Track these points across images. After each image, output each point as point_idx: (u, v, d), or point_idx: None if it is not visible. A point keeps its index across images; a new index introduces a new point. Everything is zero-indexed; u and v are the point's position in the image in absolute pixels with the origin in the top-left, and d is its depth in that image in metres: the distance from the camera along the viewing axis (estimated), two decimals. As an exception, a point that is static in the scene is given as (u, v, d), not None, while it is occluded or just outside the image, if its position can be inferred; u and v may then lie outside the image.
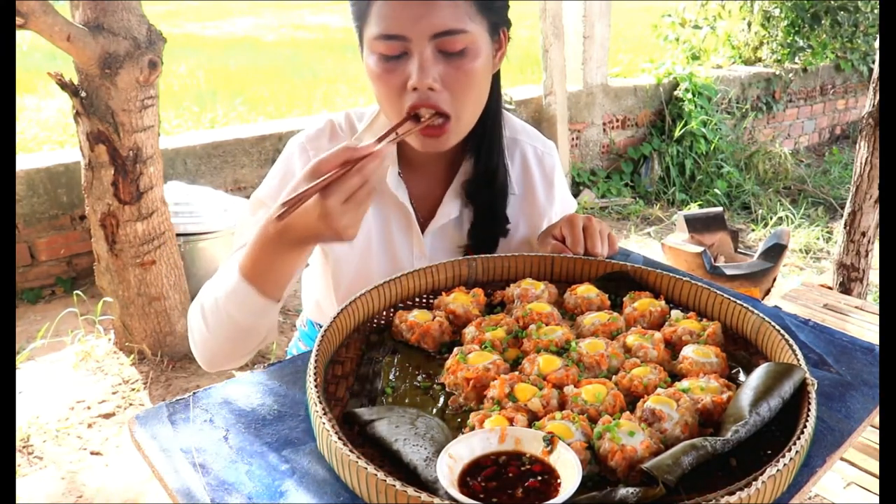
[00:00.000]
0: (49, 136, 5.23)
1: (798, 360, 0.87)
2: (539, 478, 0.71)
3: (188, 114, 6.05)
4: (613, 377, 0.90)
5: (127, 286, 2.92)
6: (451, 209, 1.27)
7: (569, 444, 0.74)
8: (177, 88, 7.05)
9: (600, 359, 0.92)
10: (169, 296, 3.00)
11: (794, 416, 0.80)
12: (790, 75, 6.42)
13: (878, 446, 2.03)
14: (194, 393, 0.89)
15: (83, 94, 2.64)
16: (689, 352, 0.94)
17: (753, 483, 0.67)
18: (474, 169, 1.25)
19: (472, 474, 0.72)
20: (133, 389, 2.90)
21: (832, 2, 6.30)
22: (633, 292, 1.10)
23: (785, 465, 0.69)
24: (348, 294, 1.26)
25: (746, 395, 0.80)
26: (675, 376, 0.92)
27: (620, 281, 1.15)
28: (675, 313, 1.04)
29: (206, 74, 7.68)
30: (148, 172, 2.78)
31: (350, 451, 0.71)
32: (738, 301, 1.03)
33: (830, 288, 3.16)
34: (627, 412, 0.81)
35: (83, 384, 2.94)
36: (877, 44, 3.00)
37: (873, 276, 3.42)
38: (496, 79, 1.19)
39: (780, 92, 6.44)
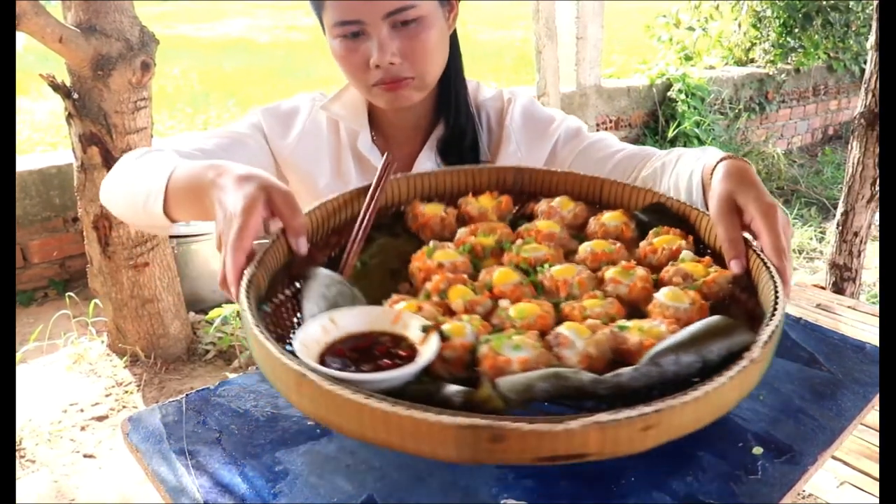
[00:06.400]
0: (42, 138, 5.22)
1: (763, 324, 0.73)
2: (398, 361, 0.71)
3: (181, 115, 6.04)
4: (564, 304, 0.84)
5: (120, 288, 2.91)
6: (423, 169, 1.27)
7: (457, 345, 0.72)
8: (170, 90, 7.03)
9: (561, 284, 0.86)
10: (162, 298, 2.99)
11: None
12: (783, 76, 6.44)
13: (871, 445, 2.04)
14: (187, 395, 0.89)
15: (75, 95, 2.63)
16: (661, 294, 0.83)
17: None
18: (445, 131, 1.27)
19: (346, 343, 0.74)
20: (126, 392, 2.89)
21: (823, 1, 6.33)
22: (662, 227, 0.96)
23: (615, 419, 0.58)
24: None
25: (664, 343, 0.70)
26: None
27: (661, 214, 1.01)
28: (686, 254, 0.90)
29: (199, 76, 7.66)
30: (141, 174, 2.77)
31: (252, 317, 0.70)
32: (762, 255, 0.84)
33: (823, 288, 3.18)
34: (536, 332, 0.75)
35: (76, 387, 2.92)
36: (868, 44, 3.01)
37: (866, 276, 3.44)
38: (454, 40, 1.23)
39: (773, 92, 6.47)
